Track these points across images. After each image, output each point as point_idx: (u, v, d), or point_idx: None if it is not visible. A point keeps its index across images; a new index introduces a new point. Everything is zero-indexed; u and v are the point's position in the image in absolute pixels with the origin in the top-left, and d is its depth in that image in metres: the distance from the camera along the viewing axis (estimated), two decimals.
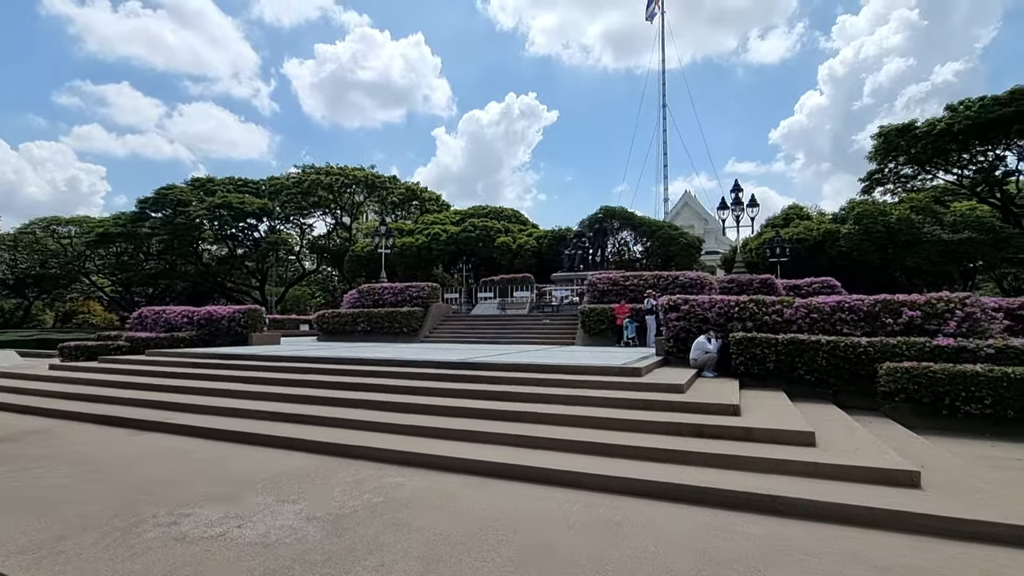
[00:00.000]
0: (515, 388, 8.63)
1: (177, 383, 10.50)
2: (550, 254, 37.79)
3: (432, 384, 9.09)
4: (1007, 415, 7.82)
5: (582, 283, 27.74)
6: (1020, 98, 28.79)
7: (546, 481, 5.40)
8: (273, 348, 15.08)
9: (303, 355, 11.81)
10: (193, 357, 12.81)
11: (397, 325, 20.73)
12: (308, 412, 8.07)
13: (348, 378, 9.88)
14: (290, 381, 9.99)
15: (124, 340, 17.07)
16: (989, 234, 26.83)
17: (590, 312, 17.64)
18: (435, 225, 40.86)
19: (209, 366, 11.88)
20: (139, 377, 11.49)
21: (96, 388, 10.80)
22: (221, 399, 9.30)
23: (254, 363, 11.67)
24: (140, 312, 19.32)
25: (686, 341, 11.39)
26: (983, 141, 32.86)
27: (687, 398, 7.55)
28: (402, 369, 10.22)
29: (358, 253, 41.99)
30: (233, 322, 17.38)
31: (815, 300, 10.56)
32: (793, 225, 33.33)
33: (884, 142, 37.29)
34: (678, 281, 17.64)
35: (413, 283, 22.57)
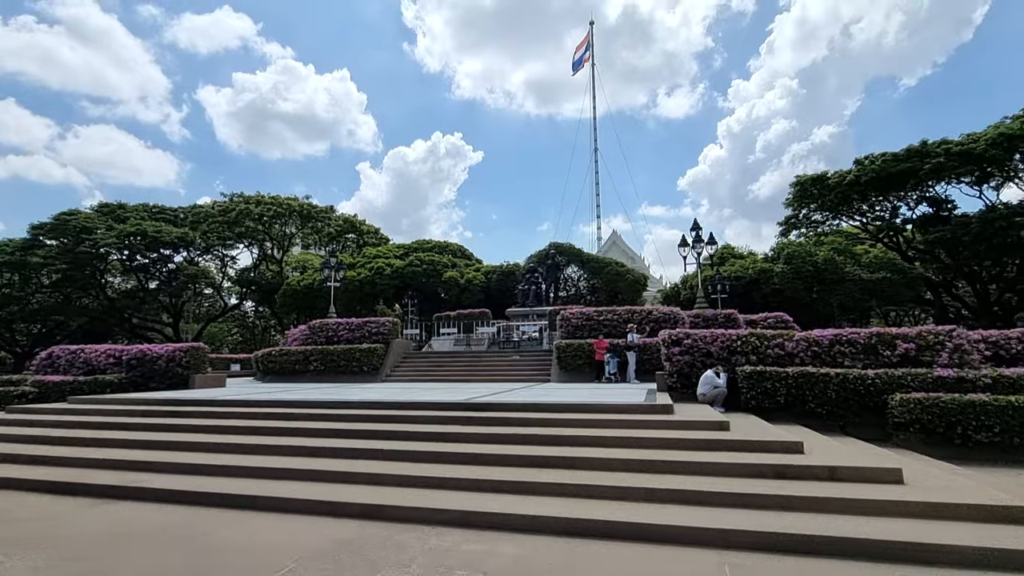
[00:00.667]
0: (539, 430, 8.00)
1: (124, 436, 8.82)
2: (498, 289, 37.44)
3: (444, 428, 8.24)
4: (1013, 442, 8.23)
5: (538, 319, 27.60)
6: (915, 156, 32.83)
7: (646, 539, 4.80)
8: (224, 391, 13.34)
9: (275, 399, 10.44)
10: (135, 404, 10.94)
11: (356, 363, 19.26)
12: (311, 467, 6.93)
13: (339, 424, 8.77)
14: (270, 430, 8.69)
15: (30, 385, 14.50)
16: (900, 274, 29.88)
17: (567, 347, 17.31)
18: (379, 259, 39.36)
19: (161, 414, 10.15)
20: (68, 430, 9.59)
21: (14, 445, 8.83)
22: (191, 454, 7.86)
23: (216, 409, 10.14)
24: (51, 352, 16.58)
25: (689, 376, 11.30)
26: (883, 192, 36.98)
27: (736, 436, 7.28)
28: (401, 412, 9.22)
29: (293, 287, 39.41)
30: (172, 362, 15.28)
31: (813, 334, 10.88)
32: (729, 264, 35.36)
33: (800, 190, 40.90)
34: (651, 316, 17.82)
35: (372, 318, 21.25)
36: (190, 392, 13.19)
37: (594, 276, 36.82)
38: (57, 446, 8.70)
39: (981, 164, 32.00)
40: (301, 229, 51.56)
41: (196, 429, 9.06)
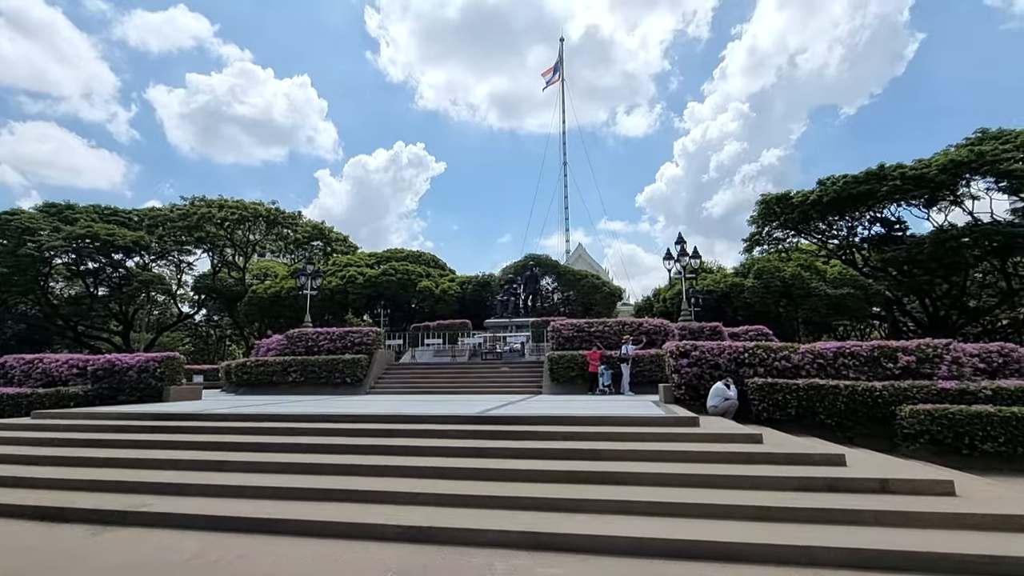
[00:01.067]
0: (568, 444, 7.77)
1: (109, 454, 8.06)
2: (474, 300, 37.07)
3: (471, 443, 7.90)
4: (1016, 452, 8.56)
5: (518, 330, 27.41)
6: (873, 178, 34.64)
7: (729, 558, 4.63)
8: (208, 405, 12.48)
9: (276, 412, 9.80)
10: (115, 419, 10.05)
11: (339, 375, 18.51)
12: (334, 485, 6.43)
13: (355, 439, 8.26)
14: (277, 446, 8.12)
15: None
16: (862, 290, 31.32)
17: (559, 359, 17.16)
18: (350, 267, 38.35)
19: (148, 430, 9.34)
20: (42, 448, 8.70)
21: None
22: (192, 473, 7.22)
23: (212, 424, 9.43)
24: (3, 361, 15.15)
25: (697, 388, 11.33)
26: (842, 211, 38.86)
27: (771, 448, 7.26)
28: (416, 427, 8.79)
29: (260, 295, 37.84)
30: (145, 373, 14.21)
31: (817, 346, 11.12)
32: (701, 278, 36.18)
33: (765, 208, 42.49)
34: (642, 328, 17.93)
35: (355, 328, 20.55)
36: (174, 405, 12.25)
37: (569, 288, 36.97)
38: (33, 466, 7.84)
39: (931, 188, 34.08)
40: (266, 235, 49.77)
41: (192, 446, 8.37)
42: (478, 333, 26.27)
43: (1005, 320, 40.71)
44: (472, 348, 24.95)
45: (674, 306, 36.02)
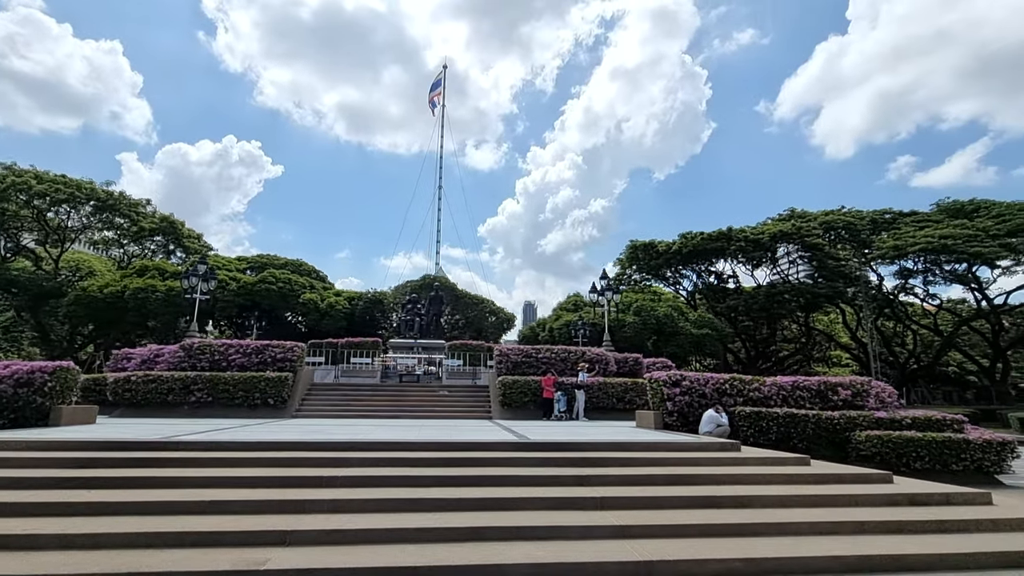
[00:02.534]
0: (616, 470, 7.76)
1: (53, 497, 6.07)
2: (363, 317, 35.04)
3: (532, 471, 7.52)
4: (935, 468, 11.00)
5: (424, 351, 26.63)
6: (724, 237, 41.26)
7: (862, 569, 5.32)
8: (108, 429, 10.01)
9: (285, 440, 8.30)
10: (32, 450, 7.57)
11: (259, 395, 16.09)
12: (421, 524, 5.72)
13: (396, 469, 7.30)
14: (294, 480, 6.91)
15: None
16: (717, 331, 36.73)
17: (513, 384, 17.18)
18: (220, 271, 33.45)
19: (75, 463, 7.20)
20: None
21: None
22: (180, 519, 5.82)
23: (192, 455, 7.60)
24: None
25: (687, 415, 12.38)
26: (694, 263, 45.39)
27: (819, 470, 8.35)
28: (461, 454, 8.13)
29: (92, 294, 30.86)
30: (26, 388, 10.80)
31: (779, 380, 12.98)
32: (585, 311, 39.01)
33: (632, 252, 47.69)
34: (586, 356, 18.82)
35: (274, 341, 18.00)
36: (91, 430, 9.49)
37: (462, 312, 36.98)
38: None
39: (763, 250, 41.83)
40: (92, 222, 40.94)
41: (161, 483, 6.64)
42: (394, 354, 24.87)
43: (793, 362, 50.83)
44: (383, 370, 23.54)
45: (561, 336, 38.15)
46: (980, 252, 36.92)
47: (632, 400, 17.54)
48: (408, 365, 23.38)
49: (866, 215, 47.25)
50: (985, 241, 37.90)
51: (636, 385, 17.72)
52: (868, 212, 47.94)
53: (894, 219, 46.85)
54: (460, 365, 22.93)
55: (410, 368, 23.32)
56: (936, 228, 41.32)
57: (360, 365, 22.84)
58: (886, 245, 40.04)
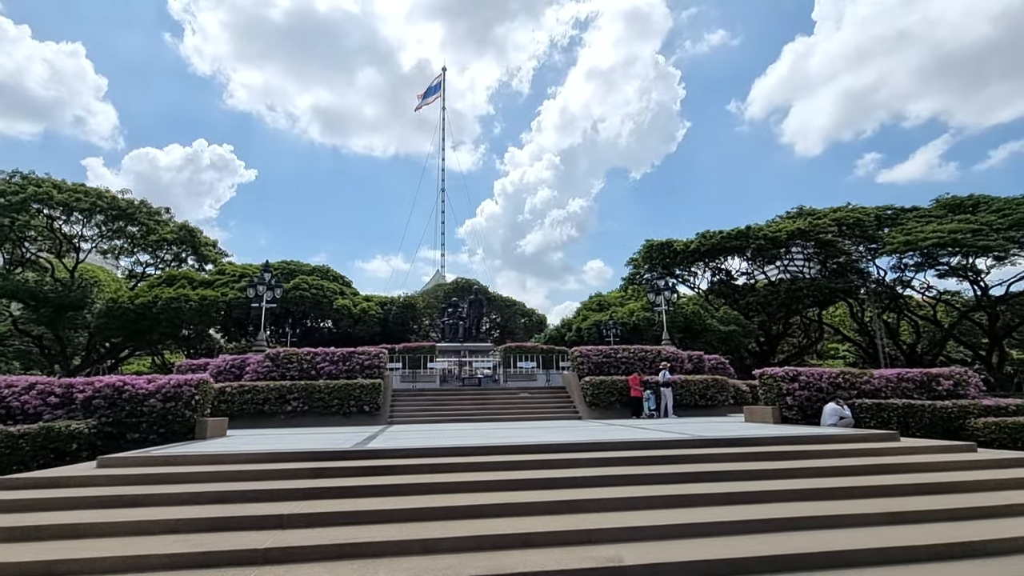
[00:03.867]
0: (790, 464, 8.10)
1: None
2: (397, 322, 34.98)
3: (729, 467, 7.91)
4: None
5: (471, 355, 26.81)
6: (742, 236, 42.12)
7: None
8: (270, 440, 10.04)
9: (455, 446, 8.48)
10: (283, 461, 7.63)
11: (354, 402, 16.12)
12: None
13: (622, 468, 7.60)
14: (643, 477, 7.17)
15: None
16: (742, 328, 37.56)
17: (599, 384, 17.48)
18: (251, 278, 33.06)
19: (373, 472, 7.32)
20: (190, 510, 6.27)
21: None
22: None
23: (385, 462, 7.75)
24: None
25: (805, 409, 12.84)
26: (711, 260, 46.26)
27: (986, 456, 8.84)
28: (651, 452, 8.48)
29: (123, 305, 30.23)
30: (174, 401, 10.74)
31: (885, 374, 13.54)
32: (613, 311, 39.50)
33: (647, 251, 48.33)
34: (662, 355, 19.21)
35: (360, 348, 18.01)
36: (225, 444, 9.50)
37: (496, 314, 37.15)
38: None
39: (779, 248, 42.89)
40: (104, 231, 39.94)
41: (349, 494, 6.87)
42: (446, 358, 24.94)
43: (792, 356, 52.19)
44: (442, 374, 23.65)
45: (590, 336, 38.56)
46: (988, 246, 38.47)
47: (714, 397, 18.01)
48: (468, 369, 23.51)
49: (871, 211, 48.72)
50: (990, 235, 39.49)
51: (717, 382, 18.20)
52: (872, 208, 49.40)
53: (896, 215, 48.38)
54: (534, 367, 23.13)
55: (471, 372, 23.47)
56: (941, 223, 42.86)
57: (434, 369, 22.90)
58: (896, 240, 41.41)
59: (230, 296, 31.31)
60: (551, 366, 23.15)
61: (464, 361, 23.95)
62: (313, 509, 6.03)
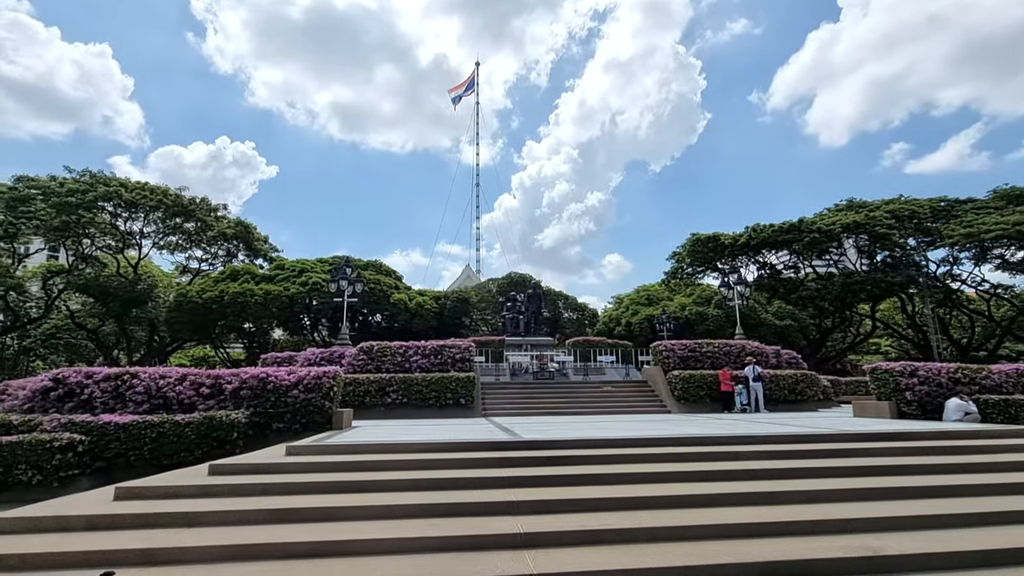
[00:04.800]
0: (960, 459, 8.06)
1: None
2: (451, 316, 35.34)
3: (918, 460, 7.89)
4: None
5: (532, 348, 26.98)
6: (794, 229, 41.43)
7: None
8: (400, 432, 10.26)
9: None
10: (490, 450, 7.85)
11: (450, 395, 16.40)
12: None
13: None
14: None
15: (66, 431, 9.24)
16: (797, 322, 37.03)
17: (689, 379, 17.47)
18: (310, 273, 33.76)
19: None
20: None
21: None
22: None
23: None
24: (61, 376, 10.55)
25: (924, 404, 12.66)
26: (757, 253, 45.63)
27: None
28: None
29: (192, 300, 31.13)
30: (313, 392, 11.09)
31: (1002, 368, 13.27)
32: (663, 304, 39.27)
33: (693, 245, 47.82)
34: (746, 350, 19.11)
35: (451, 341, 18.32)
36: (419, 430, 9.76)
37: (545, 308, 37.22)
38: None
39: (833, 241, 42.09)
40: (162, 228, 41.08)
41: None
42: (515, 352, 25.15)
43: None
44: (511, 367, 23.85)
45: (642, 331, 38.42)
46: None
47: (803, 392, 17.86)
48: (539, 363, 23.67)
49: (924, 203, 47.42)
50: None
51: (806, 377, 18.04)
52: (925, 200, 48.07)
53: (950, 206, 46.95)
54: (612, 361, 23.22)
55: (542, 365, 23.63)
56: (1003, 214, 41.54)
57: (503, 364, 23.15)
58: (956, 232, 40.27)
59: (292, 291, 31.98)
60: (619, 360, 23.27)
61: (543, 355, 24.08)
62: (534, 496, 6.21)
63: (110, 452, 9.48)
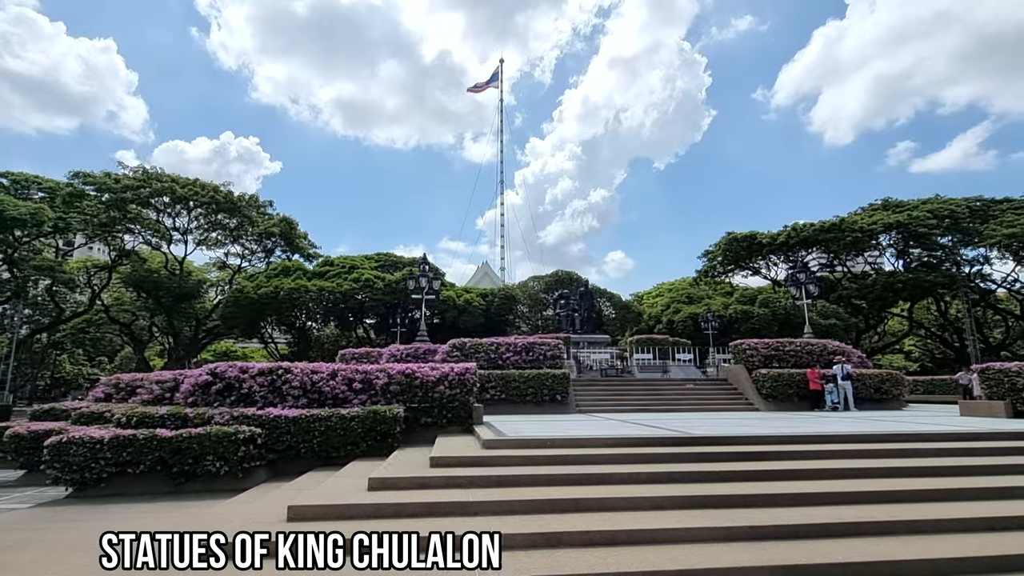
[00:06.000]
0: None
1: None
2: (499, 313, 35.61)
3: None
4: None
5: (590, 346, 27.28)
6: (835, 229, 41.46)
7: None
8: (536, 427, 10.51)
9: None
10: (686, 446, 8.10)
11: (546, 391, 16.64)
12: None
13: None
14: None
15: (247, 424, 9.53)
16: (842, 321, 37.13)
17: (777, 377, 17.67)
18: (360, 270, 34.08)
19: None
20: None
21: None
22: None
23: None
24: (213, 371, 10.84)
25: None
26: (795, 252, 45.70)
27: None
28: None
29: (249, 296, 31.50)
30: (456, 388, 11.37)
31: None
32: (704, 303, 39.41)
33: (729, 243, 47.88)
34: (827, 349, 19.29)
35: (540, 338, 18.58)
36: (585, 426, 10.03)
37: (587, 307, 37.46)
38: None
39: (873, 240, 42.15)
40: (204, 224, 41.48)
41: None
42: (579, 348, 25.42)
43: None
44: (578, 365, 24.12)
45: (685, 329, 38.59)
46: None
47: (889, 391, 18.05)
48: (605, 360, 23.93)
49: (961, 203, 47.36)
50: None
51: (892, 376, 18.22)
52: (961, 200, 47.98)
53: (985, 206, 46.88)
54: (690, 359, 23.47)
55: (609, 362, 23.88)
56: None
57: (586, 360, 23.48)
58: (999, 233, 40.24)
59: (344, 288, 32.30)
60: (668, 357, 23.77)
61: (622, 353, 24.34)
62: (762, 491, 6.44)
63: (281, 445, 9.76)
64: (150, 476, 9.08)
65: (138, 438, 8.97)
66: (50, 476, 8.90)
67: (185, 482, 9.09)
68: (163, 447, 8.96)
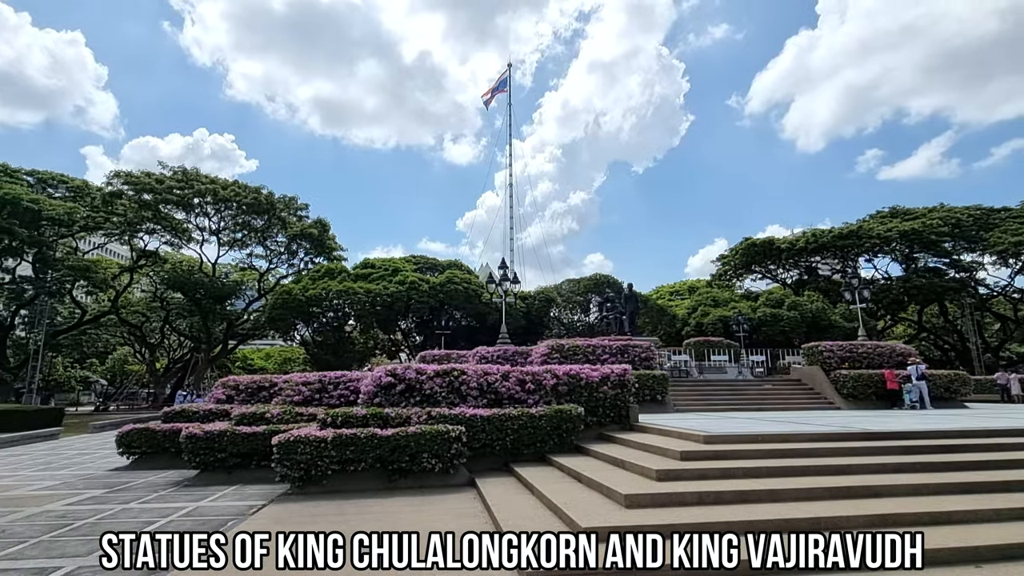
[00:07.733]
0: None
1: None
2: (538, 315, 36.25)
3: None
4: None
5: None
6: (852, 235, 43.24)
7: None
8: (682, 423, 11.23)
9: None
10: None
11: (648, 391, 17.28)
12: None
13: None
14: None
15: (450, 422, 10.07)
16: (864, 324, 38.69)
17: (858, 378, 18.69)
18: (403, 272, 34.41)
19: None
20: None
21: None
22: None
23: None
24: (396, 371, 11.30)
25: None
26: (811, 256, 47.40)
27: None
28: None
29: (297, 297, 31.57)
30: (618, 388, 12.01)
31: None
32: (731, 305, 40.65)
33: (747, 248, 49.41)
34: (896, 350, 20.42)
35: (634, 340, 19.29)
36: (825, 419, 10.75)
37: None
38: None
39: (884, 247, 44.01)
40: (233, 225, 41.20)
41: None
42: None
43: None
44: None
45: (715, 331, 39.73)
46: None
47: (957, 390, 19.21)
48: (682, 362, 24.78)
49: (963, 211, 49.70)
50: None
51: (959, 376, 19.41)
52: (962, 208, 50.36)
53: (985, 215, 49.30)
54: (763, 360, 24.41)
55: (676, 364, 24.70)
56: None
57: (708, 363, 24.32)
58: (1005, 240, 42.42)
59: (391, 290, 32.59)
60: (731, 359, 24.78)
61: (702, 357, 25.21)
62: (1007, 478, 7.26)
63: (477, 443, 10.27)
64: (366, 473, 9.52)
65: (359, 437, 9.40)
66: (279, 473, 9.27)
67: (399, 478, 9.55)
68: (383, 445, 9.41)
